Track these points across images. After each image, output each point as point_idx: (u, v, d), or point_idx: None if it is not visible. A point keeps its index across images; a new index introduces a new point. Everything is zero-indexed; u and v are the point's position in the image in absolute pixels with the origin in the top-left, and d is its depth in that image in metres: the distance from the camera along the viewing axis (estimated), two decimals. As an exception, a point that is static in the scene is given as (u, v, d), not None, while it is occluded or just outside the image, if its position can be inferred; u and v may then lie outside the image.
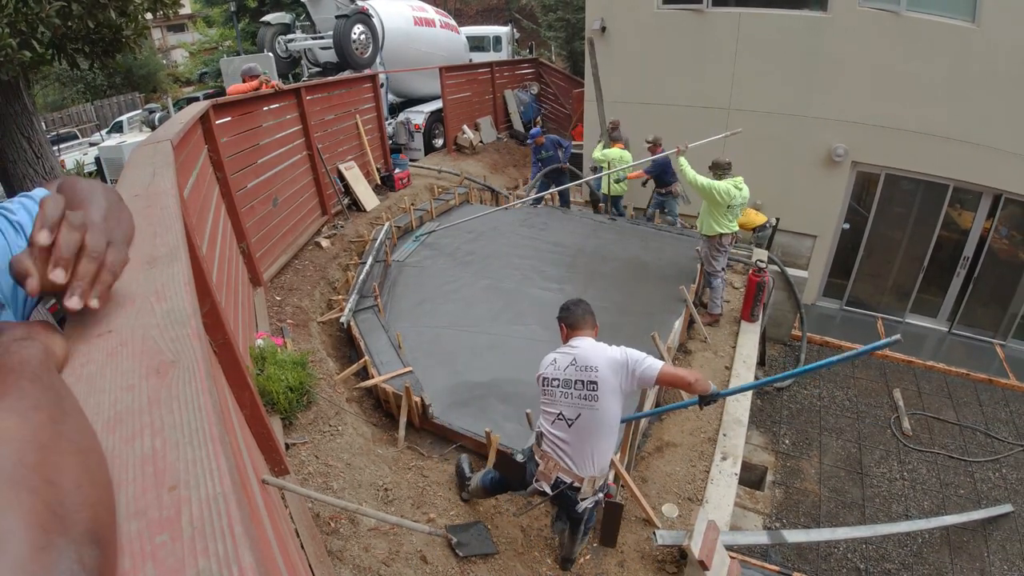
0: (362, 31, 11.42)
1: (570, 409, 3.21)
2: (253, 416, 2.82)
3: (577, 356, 3.23)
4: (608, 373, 3.14)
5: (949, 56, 8.53)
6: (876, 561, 5.99)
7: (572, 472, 3.26)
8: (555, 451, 3.29)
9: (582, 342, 3.31)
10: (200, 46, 32.62)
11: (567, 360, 3.25)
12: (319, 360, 5.60)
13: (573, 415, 3.21)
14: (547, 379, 3.30)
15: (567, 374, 3.22)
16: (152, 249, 1.02)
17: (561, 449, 3.27)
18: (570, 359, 3.24)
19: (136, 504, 0.54)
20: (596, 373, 3.14)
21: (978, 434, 7.62)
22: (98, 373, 0.70)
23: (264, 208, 7.03)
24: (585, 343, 3.30)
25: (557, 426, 3.27)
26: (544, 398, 3.34)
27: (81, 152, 17.20)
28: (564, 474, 3.27)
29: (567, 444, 3.25)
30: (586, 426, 3.20)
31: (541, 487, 3.37)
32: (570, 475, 3.27)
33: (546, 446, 3.33)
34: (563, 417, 3.24)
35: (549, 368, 3.31)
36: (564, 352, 3.32)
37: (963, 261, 9.75)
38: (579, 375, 3.18)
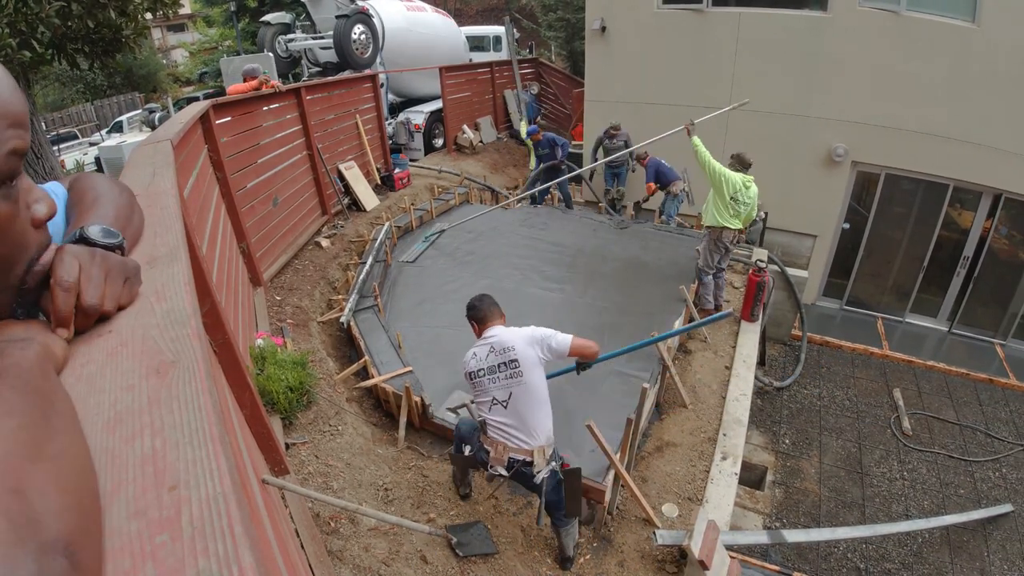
0: (362, 31, 11.42)
1: (501, 392, 3.44)
2: (253, 416, 2.82)
3: (494, 344, 3.49)
4: (524, 347, 3.43)
5: (949, 56, 8.52)
6: (876, 561, 5.99)
7: (522, 449, 3.45)
8: (500, 435, 3.49)
9: (493, 331, 3.59)
10: (200, 46, 32.61)
11: (485, 350, 3.51)
12: (319, 360, 5.60)
13: (505, 396, 3.43)
14: (473, 373, 3.51)
15: (489, 361, 3.46)
16: (152, 249, 1.02)
17: (505, 431, 3.47)
18: (488, 348, 3.50)
19: (136, 504, 0.54)
20: (514, 352, 3.42)
21: (978, 434, 7.62)
22: (98, 373, 0.70)
23: (264, 208, 7.03)
24: (496, 331, 3.57)
25: (495, 411, 3.49)
26: (476, 391, 3.56)
27: (81, 152, 17.19)
28: (515, 453, 3.46)
29: (509, 425, 3.46)
30: (521, 400, 3.42)
31: (497, 471, 3.55)
32: (520, 452, 3.45)
33: (492, 432, 3.52)
34: (497, 401, 3.46)
35: (472, 362, 3.54)
36: (481, 344, 3.57)
37: (963, 261, 9.75)
38: (499, 358, 3.44)
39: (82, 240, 0.84)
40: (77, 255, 0.79)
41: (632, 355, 5.89)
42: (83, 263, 0.78)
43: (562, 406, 5.14)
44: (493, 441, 3.51)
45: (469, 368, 3.54)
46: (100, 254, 0.82)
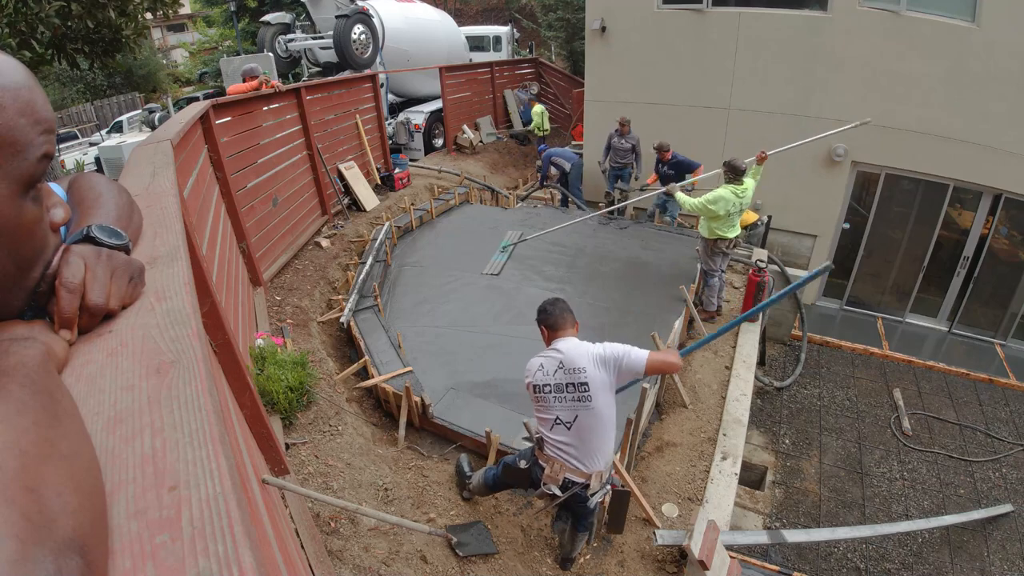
0: (362, 31, 11.42)
1: (566, 412, 3.19)
2: (253, 416, 2.82)
3: (564, 360, 3.20)
4: (595, 370, 3.12)
5: (949, 56, 8.52)
6: (876, 561, 5.99)
7: (580, 471, 3.25)
8: (560, 454, 3.27)
9: (565, 344, 3.27)
10: (200, 46, 32.61)
11: (554, 364, 3.23)
12: (319, 360, 5.60)
13: (570, 418, 3.19)
14: (538, 386, 3.27)
15: (557, 379, 3.20)
16: (152, 249, 1.02)
17: (565, 452, 3.25)
18: (557, 363, 3.22)
19: (136, 504, 0.54)
20: (585, 374, 3.12)
21: (978, 434, 7.62)
22: (98, 373, 0.70)
23: (264, 208, 7.03)
24: (568, 344, 3.26)
25: (556, 431, 3.25)
26: (538, 404, 3.32)
27: (81, 152, 17.19)
28: (572, 474, 3.27)
29: (570, 446, 3.24)
30: (585, 425, 3.18)
31: (551, 490, 3.35)
32: (578, 474, 3.26)
33: (549, 451, 3.31)
34: (560, 421, 3.22)
35: (538, 375, 3.27)
36: (550, 356, 3.29)
37: (963, 261, 9.75)
38: (569, 378, 3.16)
39: (88, 240, 0.84)
40: (83, 255, 0.79)
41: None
42: (89, 263, 0.79)
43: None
44: (550, 459, 3.32)
45: (534, 381, 3.28)
46: (106, 253, 0.83)
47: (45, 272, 0.75)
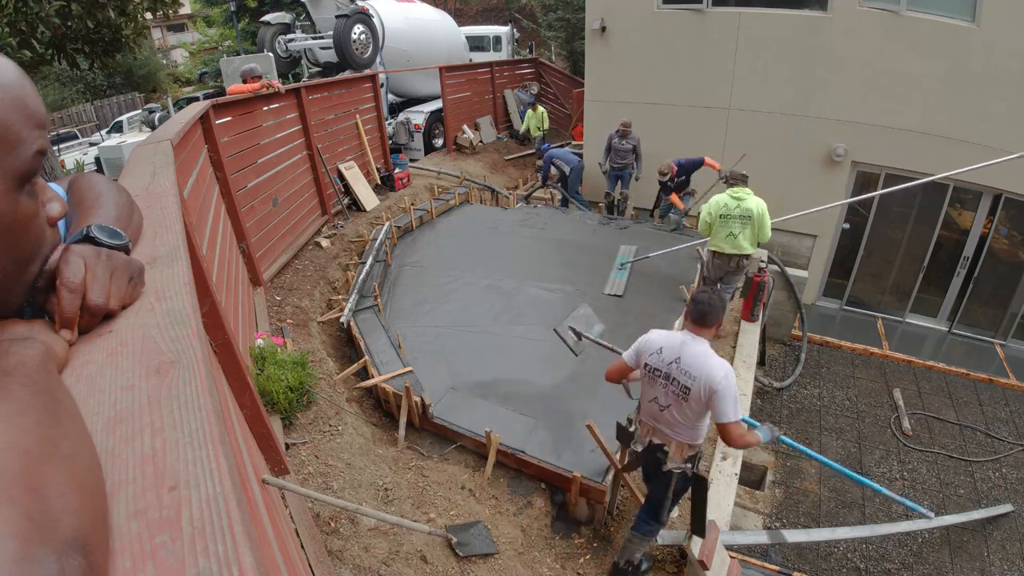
0: (362, 31, 11.42)
1: (665, 398, 3.37)
2: (253, 416, 2.82)
3: (683, 357, 3.28)
4: (701, 390, 3.18)
5: (949, 56, 8.52)
6: (876, 561, 5.99)
7: (664, 435, 3.47)
8: (649, 420, 3.54)
9: (694, 344, 3.31)
10: (200, 46, 32.61)
11: (673, 355, 3.33)
12: (319, 360, 5.60)
13: (666, 403, 3.38)
14: (650, 367, 3.41)
15: (669, 369, 3.32)
16: (152, 249, 1.02)
17: (656, 420, 3.49)
18: (676, 356, 3.31)
19: (136, 504, 0.54)
20: (692, 383, 3.22)
21: (978, 434, 7.62)
22: (98, 373, 0.70)
23: (264, 208, 7.03)
24: (696, 347, 3.29)
25: (652, 406, 3.48)
26: (645, 378, 3.49)
27: (81, 152, 17.19)
28: (656, 437, 3.52)
29: (659, 422, 3.48)
30: (677, 414, 3.35)
31: (635, 447, 3.67)
32: (661, 438, 3.49)
33: (643, 416, 3.61)
34: (657, 401, 3.43)
35: (654, 357, 3.40)
36: (672, 345, 3.37)
37: (963, 261, 9.75)
38: (679, 376, 3.28)
39: (87, 240, 0.84)
40: (83, 255, 0.80)
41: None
42: (89, 263, 0.79)
43: (563, 407, 5.15)
44: (642, 422, 3.63)
45: (649, 361, 3.43)
46: (105, 253, 0.83)
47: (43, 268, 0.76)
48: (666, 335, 3.46)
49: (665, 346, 3.38)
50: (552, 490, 4.54)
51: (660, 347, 3.39)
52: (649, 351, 3.43)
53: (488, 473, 4.58)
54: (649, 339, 3.48)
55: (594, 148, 11.51)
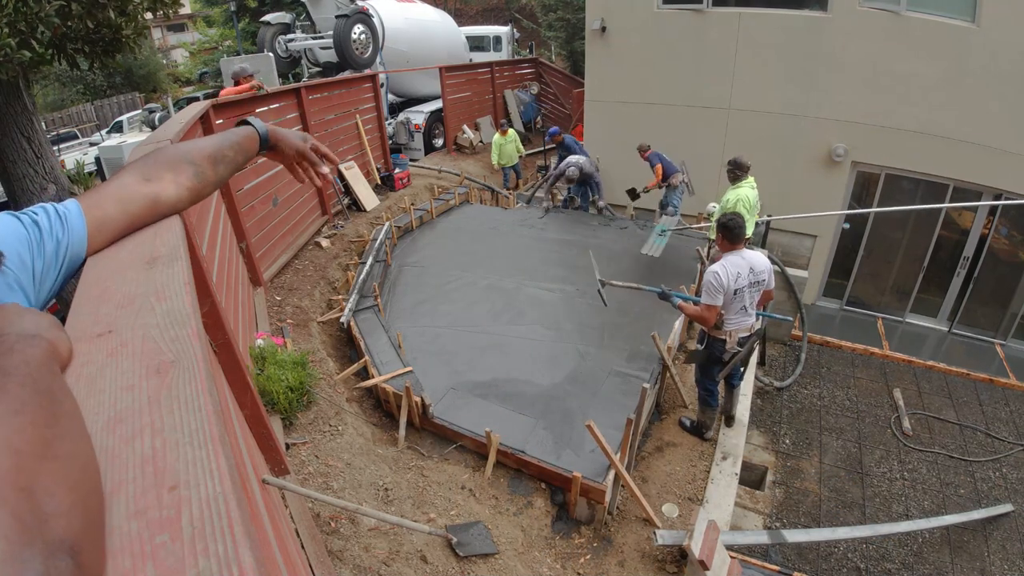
0: (362, 31, 11.42)
1: (750, 300, 4.62)
2: (253, 416, 2.82)
3: (753, 265, 4.56)
4: (767, 274, 4.63)
5: (949, 56, 8.53)
6: (876, 561, 5.99)
7: (747, 325, 4.71)
8: (737, 325, 4.66)
9: (746, 254, 4.60)
10: (200, 46, 32.61)
11: (746, 269, 4.53)
12: (319, 360, 5.60)
13: (750, 303, 4.63)
14: (739, 289, 4.52)
15: (748, 279, 4.54)
16: (152, 249, 1.02)
17: (742, 322, 4.67)
18: (747, 268, 4.53)
19: (136, 504, 0.54)
20: (764, 276, 4.62)
21: (978, 434, 7.62)
22: (98, 373, 0.70)
23: (264, 208, 7.03)
24: (749, 255, 4.61)
25: (739, 313, 4.62)
26: (734, 302, 4.56)
27: (81, 152, 17.18)
28: (744, 331, 4.72)
29: (745, 318, 4.67)
30: (750, 307, 4.66)
31: (734, 349, 4.75)
32: (746, 329, 4.72)
33: (728, 327, 4.66)
34: (745, 307, 4.62)
35: (738, 280, 4.51)
36: (737, 264, 4.53)
37: (963, 261, 9.75)
38: (755, 278, 4.57)
39: None
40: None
41: (632, 354, 5.91)
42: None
43: (562, 407, 5.15)
44: (729, 332, 4.68)
45: (736, 285, 4.49)
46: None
47: None
48: (731, 266, 4.52)
49: (741, 270, 4.51)
50: (552, 490, 4.54)
51: (738, 273, 4.50)
52: (733, 279, 4.48)
53: (488, 473, 4.58)
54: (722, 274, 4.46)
55: (594, 148, 11.51)
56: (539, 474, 4.56)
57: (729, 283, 4.45)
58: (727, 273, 4.45)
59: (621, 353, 5.97)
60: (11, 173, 5.94)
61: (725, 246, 4.60)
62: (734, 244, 4.55)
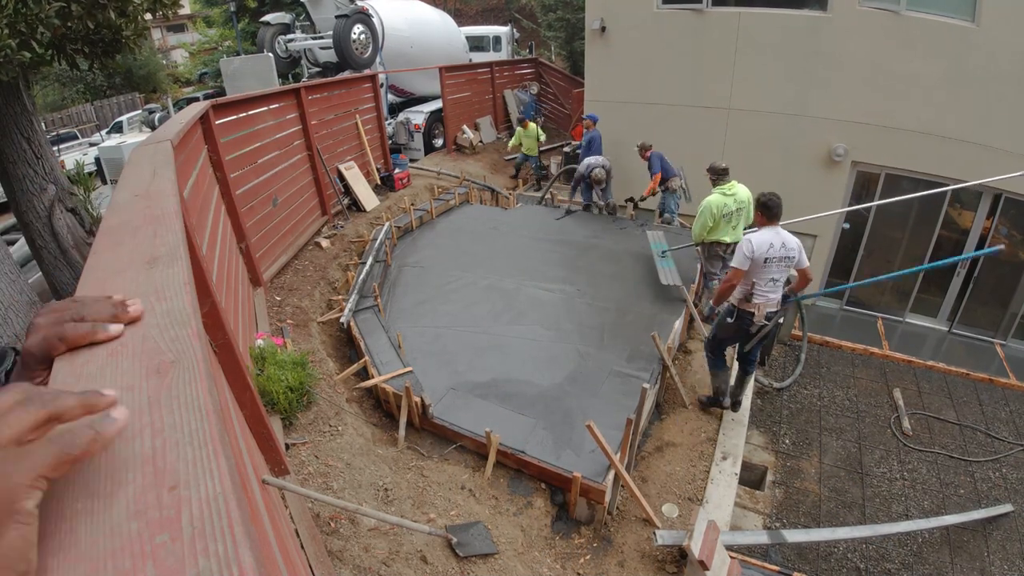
0: (362, 31, 11.43)
1: (779, 274, 4.91)
2: (253, 416, 2.82)
3: (785, 241, 4.88)
4: (797, 252, 4.91)
5: (949, 56, 8.52)
6: (876, 561, 5.99)
7: (774, 301, 5.00)
8: (765, 299, 4.94)
9: (779, 231, 4.92)
10: (200, 46, 32.64)
11: (778, 243, 4.84)
12: (319, 360, 5.60)
13: (780, 277, 4.94)
14: (769, 258, 4.84)
15: (779, 253, 4.85)
16: (152, 249, 1.02)
17: (770, 296, 4.95)
18: (780, 242, 4.85)
19: (136, 504, 0.54)
20: (793, 252, 4.89)
21: (978, 434, 7.62)
22: (99, 373, 0.70)
23: (264, 208, 7.04)
24: (781, 232, 4.92)
25: (769, 286, 4.92)
26: (763, 271, 4.87)
27: (81, 152, 17.20)
28: (770, 307, 4.98)
29: (773, 292, 4.95)
30: (780, 281, 4.96)
31: (760, 322, 5.03)
32: (773, 304, 5.00)
33: (757, 299, 4.95)
34: (774, 279, 4.91)
35: (771, 251, 4.83)
36: (769, 237, 4.87)
37: (963, 261, 9.75)
38: (785, 253, 4.86)
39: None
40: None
41: (632, 354, 5.91)
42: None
43: (562, 407, 5.15)
44: (757, 305, 4.95)
45: (768, 254, 4.82)
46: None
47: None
48: (764, 236, 4.86)
49: (773, 242, 4.84)
50: (552, 490, 4.54)
51: (770, 243, 4.83)
52: (765, 248, 4.82)
53: (488, 473, 4.58)
54: (757, 241, 4.83)
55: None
56: (539, 474, 4.56)
57: (760, 252, 4.81)
58: (760, 241, 4.84)
59: (621, 353, 5.97)
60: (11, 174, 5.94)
61: (762, 221, 5.01)
62: (770, 220, 4.94)
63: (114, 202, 1.53)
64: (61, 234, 6.06)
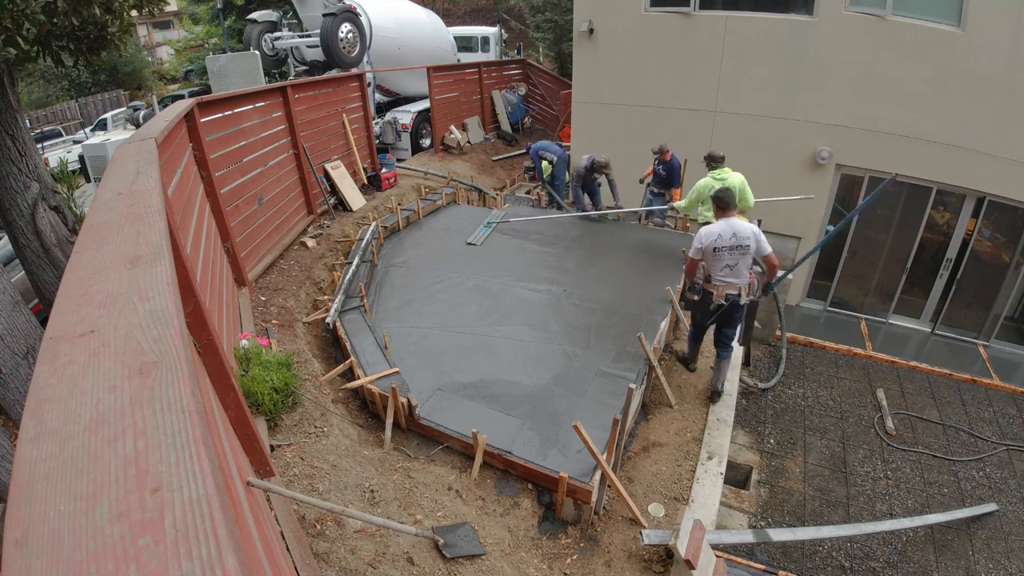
0: (349, 29, 11.39)
1: (732, 260, 5.19)
2: (238, 417, 2.80)
3: (736, 231, 5.12)
4: (751, 241, 5.13)
5: (934, 60, 8.62)
6: (861, 559, 6.04)
7: (734, 285, 5.25)
8: (723, 283, 5.26)
9: (732, 220, 5.19)
10: (186, 43, 32.42)
11: (729, 233, 5.11)
12: (304, 361, 5.57)
13: (734, 263, 5.20)
14: (719, 248, 5.14)
15: (730, 242, 5.12)
16: (135, 248, 1.01)
17: (727, 280, 5.25)
18: (731, 232, 5.11)
19: (119, 506, 0.53)
20: (747, 241, 5.12)
21: (962, 433, 7.70)
22: (81, 373, 0.70)
23: (249, 207, 6.99)
24: (734, 221, 5.19)
25: (724, 272, 5.23)
26: (715, 257, 5.19)
27: (65, 150, 17.06)
28: (730, 289, 5.26)
29: (730, 276, 5.24)
30: (739, 266, 5.21)
31: (719, 302, 5.32)
32: (733, 288, 5.25)
33: (716, 281, 5.28)
34: (727, 265, 5.20)
35: (719, 240, 5.12)
36: (724, 228, 5.14)
37: (946, 263, 9.86)
38: (737, 242, 5.12)
39: None
40: None
41: (619, 355, 5.92)
42: None
43: (549, 407, 5.15)
44: (716, 286, 5.29)
45: (716, 244, 5.12)
46: None
47: None
48: (713, 228, 5.17)
49: (722, 232, 5.12)
50: (539, 490, 4.54)
51: (719, 233, 5.12)
52: (714, 238, 5.12)
53: (475, 474, 4.58)
54: (704, 236, 5.16)
55: (582, 149, 11.55)
56: (526, 475, 4.56)
57: (708, 242, 5.16)
58: (707, 232, 5.19)
59: (607, 354, 5.98)
60: (-6, 171, 5.87)
61: (717, 213, 5.34)
62: (723, 212, 5.27)
63: (97, 200, 1.52)
64: (44, 232, 5.99)
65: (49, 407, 0.69)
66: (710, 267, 5.32)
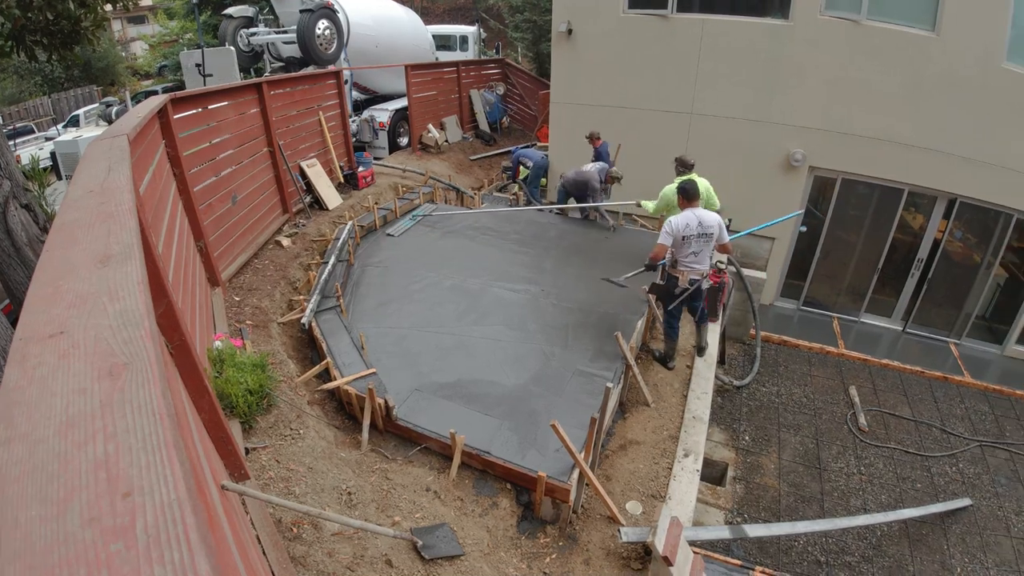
0: (327, 26, 11.31)
1: (697, 247, 5.63)
2: (211, 420, 2.77)
3: (702, 220, 5.57)
4: (715, 230, 5.61)
5: (908, 64, 8.75)
6: (836, 554, 6.13)
7: (698, 271, 5.72)
8: (688, 268, 5.69)
9: (697, 211, 5.63)
10: (160, 38, 32.01)
11: (696, 222, 5.55)
12: (279, 362, 5.52)
13: (699, 250, 5.65)
14: (687, 236, 5.56)
15: (697, 231, 5.55)
16: (106, 247, 0.99)
17: (691, 266, 5.69)
18: (697, 221, 5.55)
19: (89, 511, 0.52)
20: (712, 229, 5.59)
21: (934, 430, 7.84)
22: (50, 375, 0.68)
23: (223, 205, 6.91)
24: (699, 212, 5.63)
25: (691, 257, 5.65)
26: (683, 246, 5.61)
27: (37, 147, 16.77)
28: (694, 274, 5.72)
29: (695, 262, 5.69)
30: (703, 252, 5.68)
31: (683, 286, 5.75)
32: (696, 273, 5.73)
33: (681, 267, 5.71)
34: (693, 252, 5.63)
35: (687, 229, 5.55)
36: (691, 217, 5.56)
37: (917, 263, 10.03)
38: (703, 230, 5.58)
39: None
40: None
41: (596, 354, 5.95)
42: None
43: (527, 407, 5.16)
44: (681, 271, 5.72)
45: (685, 232, 5.54)
46: None
47: None
48: (682, 217, 5.58)
49: (689, 220, 5.55)
50: (518, 490, 4.55)
51: (687, 223, 5.54)
52: (683, 227, 5.53)
53: (453, 475, 4.57)
54: (675, 225, 5.54)
55: (560, 150, 11.60)
56: (504, 474, 4.56)
57: (678, 230, 5.55)
58: (678, 221, 5.57)
59: (585, 353, 6.00)
60: (-37, 169, 5.74)
61: (683, 204, 5.71)
62: (689, 202, 5.68)
63: (68, 198, 1.49)
64: (15, 231, 5.88)
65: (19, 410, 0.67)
66: (678, 253, 5.70)
